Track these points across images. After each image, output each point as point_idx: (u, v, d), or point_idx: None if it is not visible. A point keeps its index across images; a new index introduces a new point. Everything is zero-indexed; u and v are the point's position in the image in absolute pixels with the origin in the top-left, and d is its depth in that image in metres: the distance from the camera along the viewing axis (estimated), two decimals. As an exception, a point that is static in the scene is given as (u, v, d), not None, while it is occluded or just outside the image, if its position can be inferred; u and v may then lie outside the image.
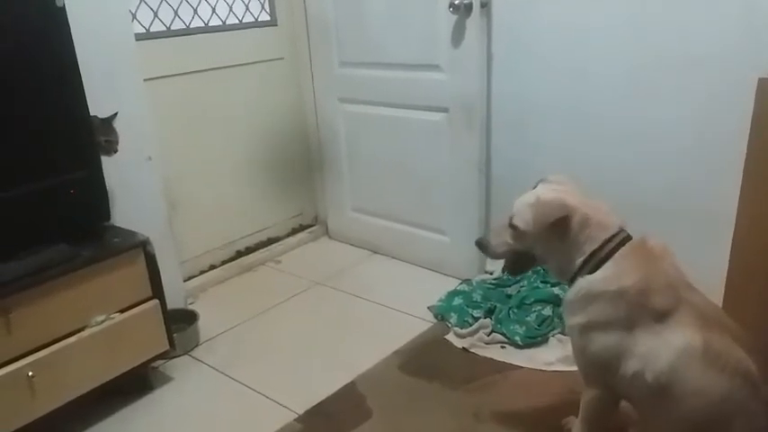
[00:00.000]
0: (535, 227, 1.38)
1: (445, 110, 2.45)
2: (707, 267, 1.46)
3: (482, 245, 1.53)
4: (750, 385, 1.27)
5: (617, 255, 1.35)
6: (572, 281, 1.41)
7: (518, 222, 1.42)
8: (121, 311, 1.84)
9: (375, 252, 2.95)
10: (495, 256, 1.52)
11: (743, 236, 1.62)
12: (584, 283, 1.37)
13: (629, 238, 1.39)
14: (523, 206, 1.42)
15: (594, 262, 1.36)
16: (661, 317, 1.30)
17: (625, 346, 1.32)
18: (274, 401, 1.94)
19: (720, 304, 1.70)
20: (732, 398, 1.26)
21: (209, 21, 2.63)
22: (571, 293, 1.41)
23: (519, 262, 1.52)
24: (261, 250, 2.96)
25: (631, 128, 2.10)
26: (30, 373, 1.63)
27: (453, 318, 2.27)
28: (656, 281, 1.31)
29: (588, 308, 1.36)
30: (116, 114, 1.92)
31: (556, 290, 2.25)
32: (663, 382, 1.28)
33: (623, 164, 2.13)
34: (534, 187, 1.49)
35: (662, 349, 1.28)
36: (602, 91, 2.13)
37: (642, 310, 1.30)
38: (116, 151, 1.91)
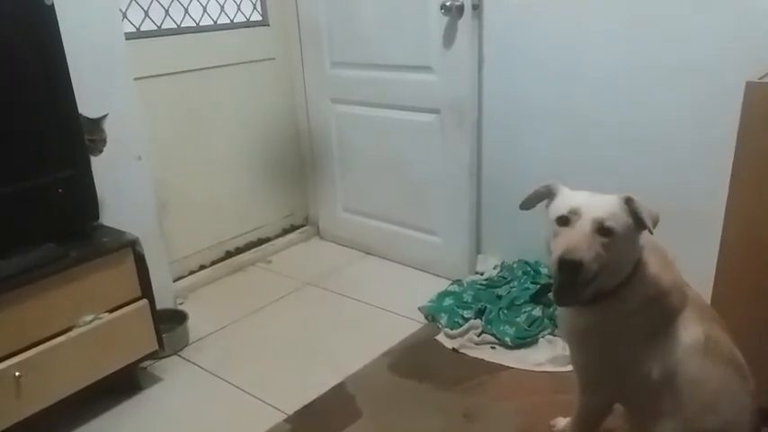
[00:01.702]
0: (651, 223, 1.22)
1: (436, 111, 2.46)
2: (695, 268, 1.47)
3: (574, 264, 1.16)
4: (740, 377, 1.30)
5: (644, 257, 1.30)
6: (611, 292, 1.28)
7: (614, 224, 1.20)
8: (110, 311, 1.82)
9: (366, 252, 2.95)
10: (589, 276, 1.19)
11: (730, 237, 1.64)
12: (640, 286, 1.28)
13: None
14: (613, 209, 1.22)
15: (636, 264, 1.29)
16: (675, 316, 1.30)
17: (647, 348, 1.30)
18: (264, 402, 1.94)
19: (708, 304, 1.72)
20: (725, 386, 1.28)
21: (200, 20, 2.63)
22: (617, 303, 1.29)
23: (578, 284, 1.21)
24: (251, 250, 2.95)
25: (623, 131, 2.10)
26: (16, 374, 1.61)
27: (443, 318, 2.27)
28: (675, 280, 1.32)
29: (633, 314, 1.29)
30: (106, 116, 1.89)
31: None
32: (667, 377, 1.28)
33: (614, 167, 2.14)
34: (537, 194, 1.37)
35: (673, 347, 1.28)
36: (594, 94, 2.14)
37: (668, 310, 1.30)
38: (101, 151, 1.89)
